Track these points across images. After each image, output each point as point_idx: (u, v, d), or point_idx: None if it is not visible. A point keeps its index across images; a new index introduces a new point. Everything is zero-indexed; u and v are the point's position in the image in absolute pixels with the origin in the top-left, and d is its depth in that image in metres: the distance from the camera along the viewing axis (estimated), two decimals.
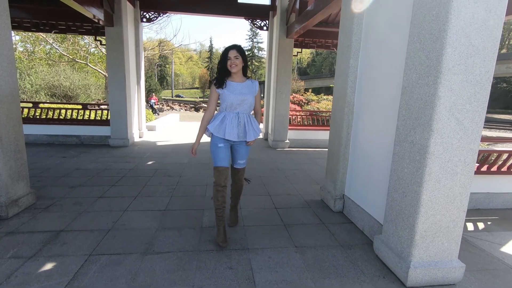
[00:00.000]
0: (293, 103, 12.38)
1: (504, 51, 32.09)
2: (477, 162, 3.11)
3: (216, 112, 2.35)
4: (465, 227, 2.72)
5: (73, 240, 2.24)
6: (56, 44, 13.48)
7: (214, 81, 2.21)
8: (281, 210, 3.01)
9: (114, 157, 5.02)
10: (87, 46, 14.47)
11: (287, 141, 6.55)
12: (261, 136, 2.41)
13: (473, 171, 1.76)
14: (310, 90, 17.63)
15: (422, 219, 1.77)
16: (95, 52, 15.41)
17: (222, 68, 2.18)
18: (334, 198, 2.99)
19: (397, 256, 1.92)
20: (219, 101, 2.29)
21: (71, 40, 12.71)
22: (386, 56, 2.30)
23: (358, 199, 2.73)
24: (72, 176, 3.88)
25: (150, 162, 4.77)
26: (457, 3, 1.54)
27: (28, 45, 15.77)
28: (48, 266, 1.90)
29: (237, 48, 2.13)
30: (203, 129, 2.29)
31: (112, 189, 3.42)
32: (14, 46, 15.48)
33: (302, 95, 19.51)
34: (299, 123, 7.17)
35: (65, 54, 12.64)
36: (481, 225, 2.82)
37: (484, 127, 1.82)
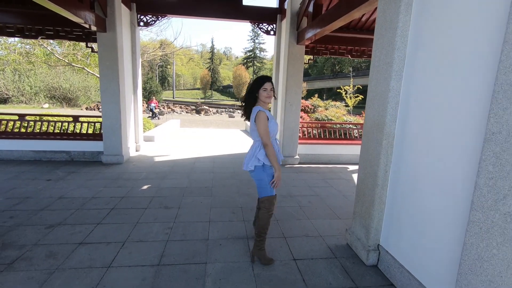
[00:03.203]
0: None
1: None
2: None
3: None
4: None
5: None
6: (55, 46, 12.93)
7: (259, 109, 2.22)
8: (301, 263, 2.45)
9: (106, 179, 4.47)
10: (86, 48, 13.91)
11: (297, 156, 5.99)
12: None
13: None
14: (316, 95, 17.01)
15: None
16: (96, 53, 14.87)
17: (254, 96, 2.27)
18: (367, 249, 2.42)
19: None
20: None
21: (68, 42, 12.16)
22: (448, 81, 1.73)
23: (400, 256, 2.17)
24: (53, 208, 3.33)
25: (145, 187, 4.21)
26: None
27: (27, 46, 15.22)
28: None
29: (271, 81, 2.27)
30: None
31: (97, 230, 2.87)
32: (13, 47, 15.05)
33: (305, 98, 18.95)
34: (309, 136, 6.61)
35: (61, 58, 12.07)
36: None
37: None
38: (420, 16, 2.02)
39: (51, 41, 12.26)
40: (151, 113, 19.59)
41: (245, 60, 64.78)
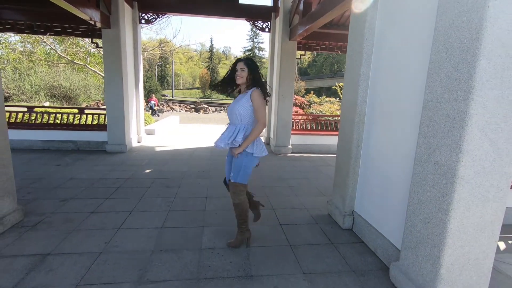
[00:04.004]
0: (295, 105, 12.15)
1: None
2: None
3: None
4: None
5: (59, 266, 2.04)
6: (56, 44, 13.22)
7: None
8: (286, 227, 2.81)
9: (111, 165, 4.83)
10: (87, 47, 14.25)
11: (290, 146, 6.35)
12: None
13: (506, 197, 1.57)
14: (312, 92, 17.38)
15: (449, 251, 1.57)
16: (96, 52, 15.20)
17: (228, 77, 2.25)
18: (343, 214, 2.79)
19: None
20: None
21: (70, 41, 12.47)
22: (404, 65, 2.09)
23: (369, 217, 2.53)
24: (65, 187, 3.68)
25: (147, 171, 4.57)
26: (494, 9, 1.34)
27: (28, 46, 15.47)
28: None
29: (244, 61, 2.17)
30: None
31: (106, 203, 3.22)
32: (14, 46, 15.30)
33: (303, 96, 19.30)
34: (302, 128, 6.97)
35: (64, 56, 12.40)
36: (502, 245, 2.62)
37: None
38: (383, 10, 2.38)
39: (52, 39, 12.58)
40: (150, 110, 19.91)
41: None
